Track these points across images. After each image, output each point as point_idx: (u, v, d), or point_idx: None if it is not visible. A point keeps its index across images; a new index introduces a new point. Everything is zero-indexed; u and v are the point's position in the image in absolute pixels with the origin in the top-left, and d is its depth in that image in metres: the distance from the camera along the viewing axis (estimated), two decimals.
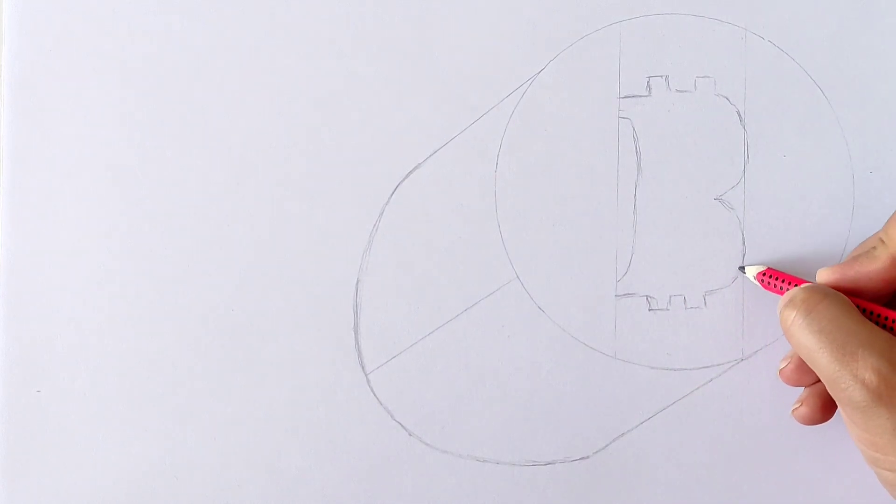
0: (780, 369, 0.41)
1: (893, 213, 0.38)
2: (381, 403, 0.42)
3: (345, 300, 0.42)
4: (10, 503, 0.41)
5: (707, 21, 0.43)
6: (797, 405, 0.41)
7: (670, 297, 0.43)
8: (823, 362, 0.35)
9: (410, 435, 0.42)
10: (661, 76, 0.43)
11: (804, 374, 0.40)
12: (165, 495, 0.42)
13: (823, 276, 0.39)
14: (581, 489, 0.42)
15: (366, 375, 0.42)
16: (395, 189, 0.42)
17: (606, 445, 0.42)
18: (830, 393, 0.36)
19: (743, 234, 0.43)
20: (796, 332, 0.37)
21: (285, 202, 0.42)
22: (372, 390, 0.42)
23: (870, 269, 0.38)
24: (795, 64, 0.43)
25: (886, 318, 0.37)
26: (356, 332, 0.42)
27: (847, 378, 0.35)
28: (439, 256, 0.42)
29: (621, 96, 0.43)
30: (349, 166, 0.42)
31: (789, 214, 0.43)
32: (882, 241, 0.38)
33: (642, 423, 0.42)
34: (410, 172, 0.43)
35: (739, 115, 0.43)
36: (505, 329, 0.42)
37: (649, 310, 0.43)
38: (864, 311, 0.38)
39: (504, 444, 0.42)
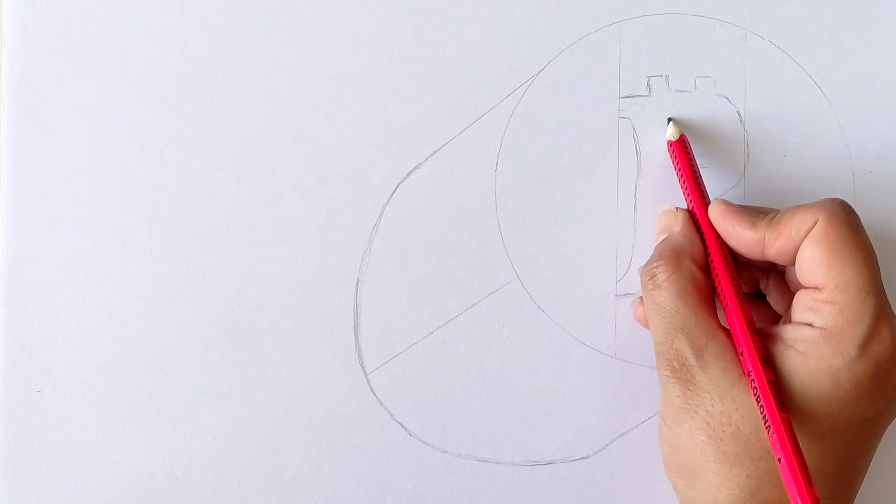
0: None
1: (798, 208, 0.38)
2: (381, 403, 0.42)
3: (345, 300, 0.42)
4: (10, 503, 0.41)
5: (707, 21, 0.43)
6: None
7: None
8: (652, 331, 0.39)
9: (410, 435, 0.42)
10: (661, 76, 0.43)
11: None
12: (165, 495, 0.42)
13: (714, 211, 0.40)
14: (581, 489, 0.42)
15: (366, 375, 0.42)
16: (395, 189, 0.42)
17: (606, 445, 0.42)
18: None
19: None
20: (644, 296, 0.39)
21: (285, 202, 0.42)
22: (372, 390, 0.42)
23: (744, 234, 0.39)
24: (795, 64, 0.43)
25: (720, 282, 0.39)
26: (356, 332, 0.42)
27: (662, 354, 0.38)
28: (439, 256, 0.42)
29: (621, 96, 0.43)
30: (349, 166, 0.42)
31: None
32: (770, 222, 0.38)
33: (642, 423, 0.42)
34: (410, 172, 0.43)
35: (739, 115, 0.43)
36: (505, 329, 0.42)
37: None
38: (710, 259, 0.39)
39: (504, 444, 0.42)
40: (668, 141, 0.42)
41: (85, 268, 0.42)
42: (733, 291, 0.38)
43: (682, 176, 0.41)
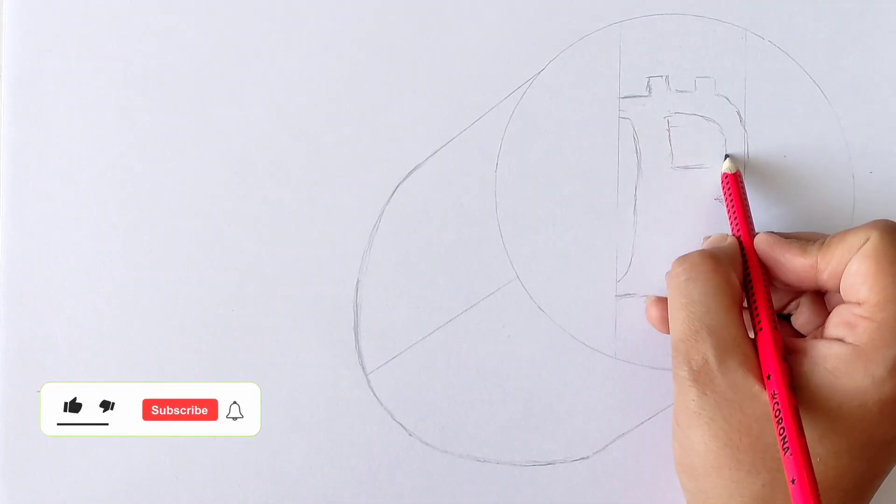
0: (650, 313, 0.41)
1: (848, 230, 0.37)
2: (381, 403, 0.42)
3: (345, 300, 0.42)
4: (10, 503, 0.41)
5: (707, 21, 0.43)
6: (651, 305, 0.41)
7: None
8: (674, 328, 0.37)
9: (410, 435, 0.42)
10: (661, 76, 0.43)
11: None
12: (165, 495, 0.42)
13: (761, 241, 0.39)
14: (581, 489, 0.42)
15: (366, 375, 0.42)
16: (395, 189, 0.42)
17: (606, 445, 0.42)
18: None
19: None
20: (672, 290, 0.38)
21: (285, 202, 0.42)
22: (372, 390, 0.42)
23: (796, 261, 0.38)
24: (795, 64, 0.43)
25: (756, 308, 0.38)
26: (356, 332, 0.42)
27: (682, 352, 0.37)
28: (439, 256, 0.42)
29: (621, 96, 0.43)
30: (349, 166, 0.42)
31: (789, 214, 0.43)
32: (821, 247, 0.38)
33: (642, 423, 0.42)
34: (410, 172, 0.43)
35: (739, 115, 0.43)
36: (505, 329, 0.42)
37: None
38: (747, 285, 0.38)
39: (504, 444, 0.42)
40: (724, 173, 0.42)
41: (85, 267, 0.42)
42: (769, 318, 0.37)
43: (733, 210, 0.41)
